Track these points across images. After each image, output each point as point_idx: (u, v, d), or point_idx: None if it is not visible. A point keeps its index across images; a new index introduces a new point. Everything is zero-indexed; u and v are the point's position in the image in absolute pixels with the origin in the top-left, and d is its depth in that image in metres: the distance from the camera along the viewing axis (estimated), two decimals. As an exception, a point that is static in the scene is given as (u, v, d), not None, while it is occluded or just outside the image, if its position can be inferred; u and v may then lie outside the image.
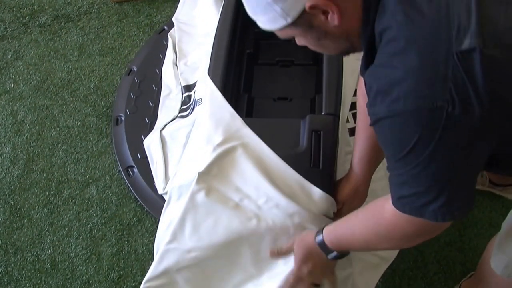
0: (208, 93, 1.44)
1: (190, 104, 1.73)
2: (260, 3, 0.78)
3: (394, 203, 0.84)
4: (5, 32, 2.27)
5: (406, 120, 0.70)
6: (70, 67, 2.13)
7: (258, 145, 1.28)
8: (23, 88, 2.09)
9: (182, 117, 1.71)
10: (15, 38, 2.25)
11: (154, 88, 1.89)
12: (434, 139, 0.69)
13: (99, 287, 1.60)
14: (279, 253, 1.18)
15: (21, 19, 2.31)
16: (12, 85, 2.10)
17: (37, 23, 2.29)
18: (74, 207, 1.76)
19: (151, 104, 1.86)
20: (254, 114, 1.56)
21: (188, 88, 1.81)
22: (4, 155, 1.91)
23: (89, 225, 1.72)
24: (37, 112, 2.01)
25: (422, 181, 0.76)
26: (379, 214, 0.91)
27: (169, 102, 1.82)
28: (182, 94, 1.81)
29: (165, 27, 2.08)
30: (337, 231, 1.05)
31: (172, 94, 1.83)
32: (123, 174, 1.77)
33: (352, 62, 1.52)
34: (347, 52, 0.88)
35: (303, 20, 0.78)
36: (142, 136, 1.77)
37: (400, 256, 1.54)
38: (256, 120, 1.47)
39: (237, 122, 1.33)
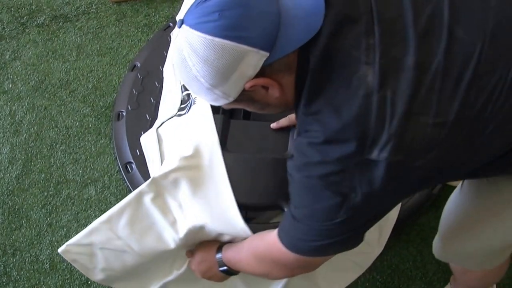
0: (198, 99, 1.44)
1: (188, 103, 1.73)
2: (201, 88, 0.81)
3: (278, 231, 0.91)
4: (3, 32, 2.26)
5: (313, 191, 0.80)
6: (69, 67, 2.12)
7: (220, 171, 1.27)
8: (21, 88, 2.08)
9: (180, 115, 1.71)
10: (13, 38, 2.24)
11: (157, 85, 1.88)
12: (334, 218, 0.79)
13: (98, 287, 1.60)
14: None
15: (19, 19, 2.31)
16: (10, 85, 2.09)
17: (35, 23, 2.28)
18: (73, 207, 1.76)
19: (152, 101, 1.85)
20: (251, 115, 1.56)
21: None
22: (3, 155, 1.90)
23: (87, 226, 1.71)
24: (35, 112, 2.01)
25: (309, 234, 0.85)
26: (263, 236, 1.00)
27: (168, 99, 1.82)
28: (182, 92, 1.81)
29: (170, 24, 2.06)
30: (232, 248, 1.13)
31: (172, 92, 1.82)
32: (121, 170, 1.77)
33: None
34: (285, 111, 0.95)
35: (244, 96, 0.82)
36: (142, 132, 1.77)
37: (399, 256, 1.55)
38: (247, 122, 1.47)
39: (213, 139, 1.32)
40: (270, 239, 0.94)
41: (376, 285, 1.51)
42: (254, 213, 1.32)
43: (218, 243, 1.19)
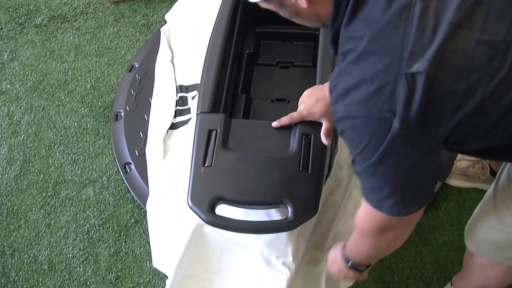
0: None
1: (186, 107, 1.73)
2: None
3: (362, 193, 0.90)
4: (1, 32, 2.26)
5: (358, 123, 0.75)
6: (67, 67, 2.12)
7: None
8: (20, 89, 2.08)
9: (182, 123, 1.71)
10: (11, 39, 2.24)
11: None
12: (382, 146, 0.74)
13: (97, 288, 1.60)
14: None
15: (17, 19, 2.30)
16: (8, 86, 2.09)
17: (33, 23, 2.28)
18: (71, 208, 1.76)
19: (151, 102, 1.85)
20: (251, 114, 1.55)
21: (182, 88, 1.81)
22: (1, 156, 1.90)
23: (86, 226, 1.71)
24: (33, 113, 2.00)
25: (374, 180, 0.83)
26: (357, 216, 0.99)
27: (162, 98, 1.82)
28: (177, 93, 1.81)
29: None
30: (348, 243, 1.12)
31: (166, 91, 1.82)
32: (120, 171, 1.77)
33: None
34: (321, 27, 0.91)
35: None
36: (141, 133, 1.77)
37: (398, 256, 1.54)
38: (248, 121, 1.47)
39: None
40: (360, 212, 0.95)
41: (376, 285, 1.51)
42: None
43: (341, 243, 1.18)
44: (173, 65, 1.89)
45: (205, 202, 1.19)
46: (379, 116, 0.72)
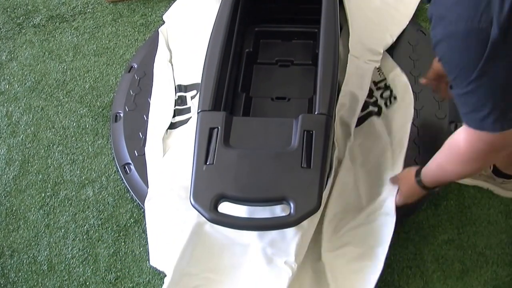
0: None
1: (186, 107, 1.73)
2: None
3: (463, 119, 0.96)
4: (-1, 32, 2.26)
5: (457, 41, 0.84)
6: (65, 67, 2.12)
7: None
8: (18, 89, 2.07)
9: (181, 123, 1.71)
10: (9, 39, 2.23)
11: None
12: (483, 58, 0.82)
13: (97, 288, 1.59)
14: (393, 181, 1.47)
15: (15, 19, 2.30)
16: (7, 86, 2.08)
17: (32, 23, 2.27)
18: (70, 208, 1.75)
19: (150, 102, 1.85)
20: (251, 113, 1.55)
21: (181, 88, 1.81)
22: (0, 156, 1.90)
23: (85, 227, 1.71)
24: (32, 113, 2.00)
25: (474, 99, 0.90)
26: (455, 143, 1.07)
27: (161, 97, 1.82)
28: (176, 92, 1.81)
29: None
30: (429, 171, 1.25)
31: (165, 90, 1.82)
32: (120, 172, 1.77)
33: (358, 78, 1.58)
34: None
35: None
36: (140, 133, 1.77)
37: (398, 254, 1.54)
38: (249, 118, 1.47)
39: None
40: (462, 141, 1.02)
41: (376, 284, 1.51)
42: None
43: (412, 172, 1.34)
44: (172, 65, 1.89)
45: (208, 200, 1.20)
46: (477, 27, 0.80)
